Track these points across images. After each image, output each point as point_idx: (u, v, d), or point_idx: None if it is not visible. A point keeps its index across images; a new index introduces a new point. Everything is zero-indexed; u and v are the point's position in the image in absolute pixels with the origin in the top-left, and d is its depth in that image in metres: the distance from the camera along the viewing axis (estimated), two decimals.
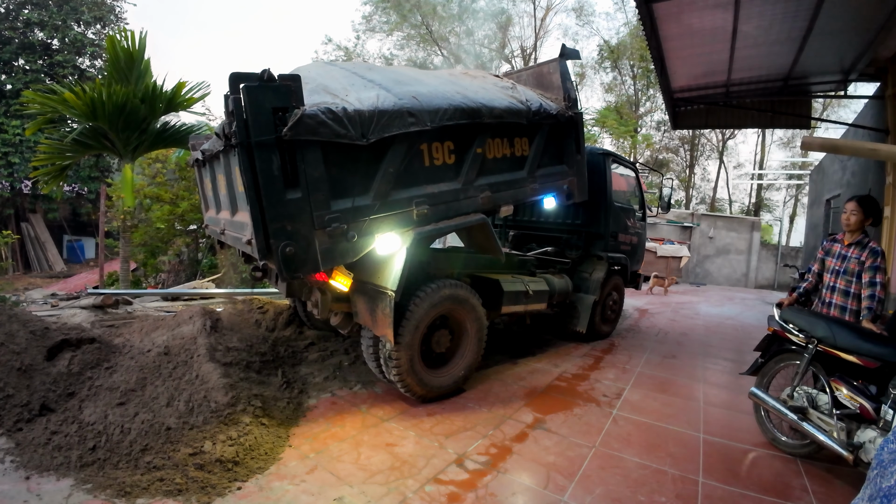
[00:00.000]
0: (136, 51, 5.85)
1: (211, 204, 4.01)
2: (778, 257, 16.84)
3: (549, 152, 4.29)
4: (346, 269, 3.06)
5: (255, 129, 2.45)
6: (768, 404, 3.04)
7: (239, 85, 2.47)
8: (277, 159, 2.50)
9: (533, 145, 4.06)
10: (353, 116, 2.72)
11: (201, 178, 4.18)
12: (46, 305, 6.56)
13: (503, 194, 3.82)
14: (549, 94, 4.42)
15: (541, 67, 4.71)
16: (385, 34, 21.43)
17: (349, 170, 2.82)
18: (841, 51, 6.17)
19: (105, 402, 2.75)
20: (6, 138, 10.96)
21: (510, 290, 4.33)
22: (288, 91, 2.52)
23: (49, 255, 12.39)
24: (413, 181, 3.18)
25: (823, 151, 9.81)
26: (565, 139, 4.42)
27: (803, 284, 3.47)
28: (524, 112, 3.84)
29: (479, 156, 3.54)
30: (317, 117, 2.57)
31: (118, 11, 13.45)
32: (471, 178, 3.52)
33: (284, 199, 2.55)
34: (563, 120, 4.24)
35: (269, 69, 2.48)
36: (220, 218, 3.64)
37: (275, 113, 2.47)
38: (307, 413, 3.21)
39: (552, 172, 4.35)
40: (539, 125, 4.03)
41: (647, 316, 8.30)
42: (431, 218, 3.25)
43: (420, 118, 3.04)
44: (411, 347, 3.29)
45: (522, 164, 4.03)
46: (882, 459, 1.25)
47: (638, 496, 2.47)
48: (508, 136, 3.84)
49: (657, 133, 24.27)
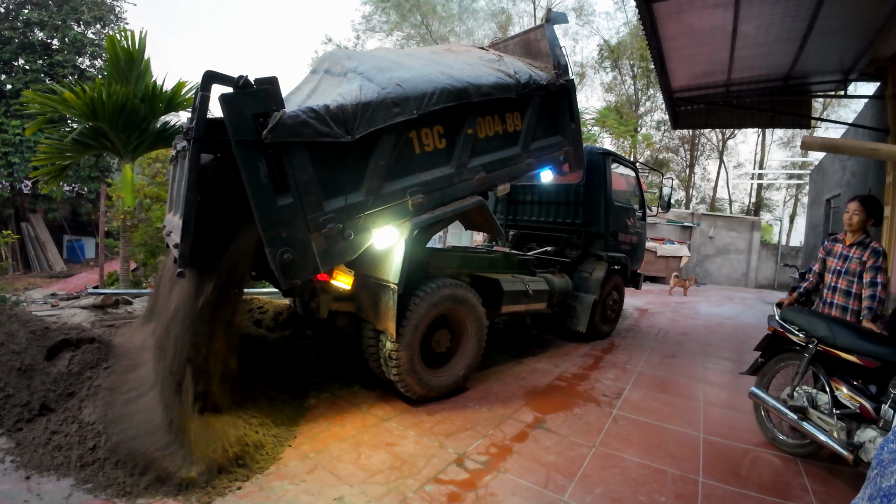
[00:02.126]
0: (136, 51, 5.84)
1: (173, 206, 3.76)
2: (778, 257, 16.85)
3: (543, 124, 4.14)
4: (347, 266, 3.05)
5: (238, 137, 2.35)
6: (768, 404, 3.04)
7: (209, 83, 2.40)
8: (264, 167, 2.42)
9: (525, 119, 3.91)
10: (335, 114, 2.64)
11: (172, 177, 3.93)
12: (46, 305, 6.56)
13: (498, 173, 3.71)
14: (538, 63, 4.25)
15: (528, 35, 4.48)
16: (385, 34, 21.47)
17: (338, 168, 2.75)
18: (841, 50, 6.17)
19: (105, 402, 2.74)
20: (6, 138, 10.96)
21: (510, 290, 4.33)
22: (266, 95, 2.43)
23: (49, 254, 12.39)
24: (405, 171, 3.10)
25: (823, 151, 9.81)
26: (558, 108, 4.25)
27: (804, 284, 3.47)
28: (513, 86, 3.68)
29: (471, 136, 3.43)
30: (298, 118, 2.49)
31: (118, 11, 13.45)
32: (464, 160, 3.42)
33: (276, 206, 2.47)
34: (554, 90, 4.05)
35: (245, 75, 2.40)
36: (173, 220, 3.46)
37: (255, 119, 2.38)
38: (307, 413, 3.21)
39: (547, 144, 4.19)
40: (530, 97, 3.87)
41: (647, 316, 8.30)
42: (427, 206, 3.19)
43: (406, 107, 2.93)
44: (411, 347, 3.29)
45: (516, 139, 3.88)
46: (882, 459, 1.25)
47: (638, 496, 2.47)
48: (499, 112, 3.69)
49: (657, 133, 24.30)
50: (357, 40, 21.52)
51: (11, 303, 5.30)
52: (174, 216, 3.40)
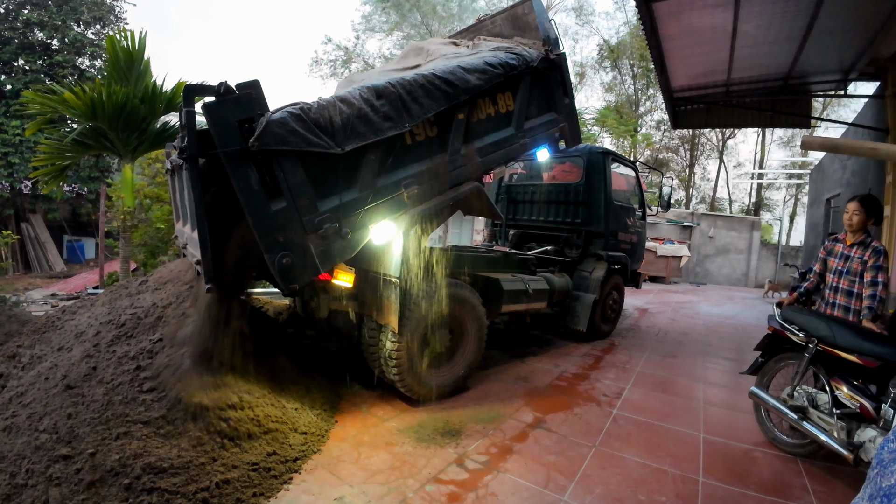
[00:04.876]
0: (136, 51, 5.84)
1: (180, 215, 3.81)
2: (778, 257, 16.85)
3: (536, 101, 4.02)
4: (347, 264, 3.04)
5: (224, 147, 2.30)
6: (768, 404, 3.04)
7: (191, 97, 2.37)
8: (254, 173, 2.38)
9: (517, 98, 3.79)
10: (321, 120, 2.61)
11: (173, 188, 3.95)
12: (47, 306, 6.57)
13: (493, 156, 3.64)
14: (527, 37, 4.13)
15: (514, 9, 4.32)
16: (385, 34, 21.44)
17: (330, 167, 2.72)
18: (841, 50, 6.17)
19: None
20: (6, 138, 10.95)
21: (510, 289, 4.33)
22: (249, 100, 2.38)
23: (49, 255, 12.38)
24: (398, 164, 3.05)
25: (823, 151, 9.81)
26: (550, 85, 4.10)
27: (804, 284, 3.47)
28: (500, 73, 3.53)
29: (463, 122, 3.35)
30: (287, 124, 2.45)
31: (118, 11, 13.43)
32: (457, 146, 3.35)
33: (270, 211, 2.44)
34: (542, 66, 3.89)
35: (225, 81, 2.34)
36: (184, 230, 3.47)
37: (241, 126, 2.34)
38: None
39: (542, 122, 4.08)
40: (520, 76, 3.74)
41: (647, 315, 8.31)
42: (423, 197, 3.16)
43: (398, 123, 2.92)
44: (411, 346, 3.29)
45: (509, 119, 3.79)
46: (882, 459, 1.24)
47: (638, 496, 2.47)
48: (490, 94, 3.58)
49: (657, 132, 24.32)
50: (357, 40, 21.54)
51: (11, 303, 5.30)
52: (185, 227, 3.41)
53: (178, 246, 3.71)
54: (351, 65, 21.27)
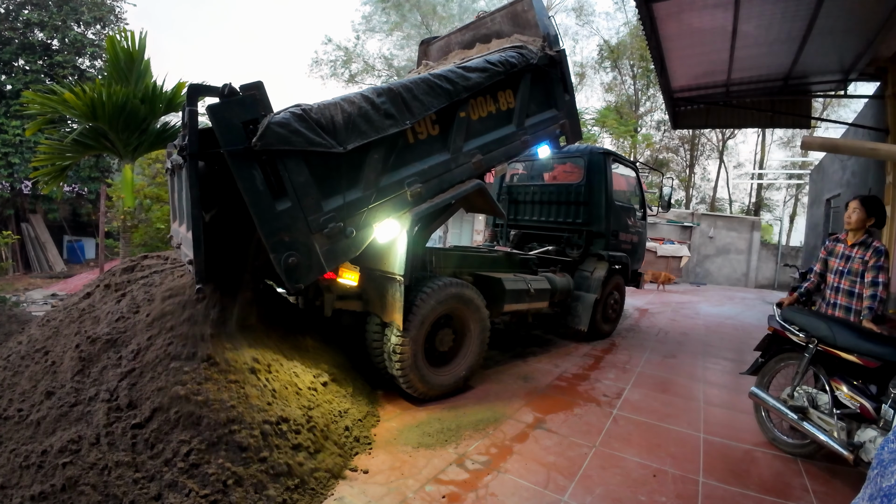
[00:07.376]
0: (136, 51, 5.83)
1: (176, 215, 3.79)
2: (778, 257, 16.85)
3: (536, 98, 4.03)
4: (352, 262, 3.06)
5: (229, 147, 2.32)
6: (768, 404, 3.04)
7: (195, 97, 2.38)
8: (259, 174, 2.40)
9: (518, 95, 3.81)
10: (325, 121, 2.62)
11: (172, 188, 3.93)
12: (47, 306, 6.57)
13: (495, 154, 3.66)
14: (526, 34, 4.14)
15: (514, 6, 4.31)
16: (385, 34, 21.46)
17: (334, 166, 2.73)
18: (841, 50, 6.17)
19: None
20: (6, 139, 10.95)
21: (512, 289, 4.34)
22: (254, 101, 2.39)
23: (49, 255, 12.38)
24: (401, 162, 3.07)
25: (823, 151, 9.81)
26: (551, 81, 4.12)
27: (805, 284, 3.47)
28: (500, 70, 3.54)
29: (464, 120, 3.38)
30: (289, 125, 2.46)
31: (118, 12, 13.42)
32: (459, 145, 3.38)
33: (275, 211, 2.46)
34: (542, 63, 3.91)
35: (229, 83, 2.35)
36: (179, 230, 3.47)
37: (245, 127, 2.35)
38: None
39: (543, 119, 4.09)
40: (521, 73, 3.77)
41: (648, 315, 8.31)
42: (426, 195, 3.17)
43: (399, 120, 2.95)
44: (416, 343, 3.31)
45: (510, 117, 3.81)
46: (882, 459, 1.25)
47: (638, 496, 2.47)
48: (491, 91, 3.61)
49: (657, 133, 24.31)
50: (357, 41, 21.54)
51: (11, 303, 5.30)
52: (180, 227, 3.41)
53: (173, 245, 3.72)
54: (351, 65, 21.29)
